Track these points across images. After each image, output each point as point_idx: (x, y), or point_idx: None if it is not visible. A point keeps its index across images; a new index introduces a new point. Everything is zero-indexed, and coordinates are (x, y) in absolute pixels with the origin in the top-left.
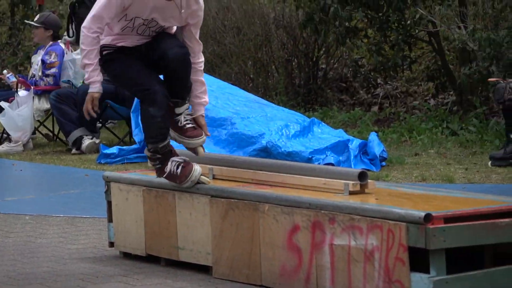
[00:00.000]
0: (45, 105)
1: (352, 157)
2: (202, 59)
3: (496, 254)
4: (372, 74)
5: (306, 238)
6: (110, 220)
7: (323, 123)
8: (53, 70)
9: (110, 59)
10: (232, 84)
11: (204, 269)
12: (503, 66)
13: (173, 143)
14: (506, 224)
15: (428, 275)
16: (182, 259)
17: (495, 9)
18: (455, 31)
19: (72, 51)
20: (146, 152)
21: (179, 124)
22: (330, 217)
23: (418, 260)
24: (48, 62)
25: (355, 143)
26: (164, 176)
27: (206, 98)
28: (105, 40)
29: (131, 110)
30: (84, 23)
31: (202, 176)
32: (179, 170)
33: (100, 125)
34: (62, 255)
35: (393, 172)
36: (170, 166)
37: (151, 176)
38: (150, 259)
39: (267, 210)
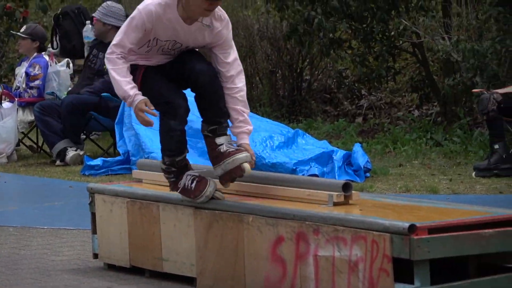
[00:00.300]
0: (29, 117)
1: (336, 168)
2: (239, 85)
3: (481, 265)
4: (356, 85)
5: (290, 249)
6: (94, 231)
7: (307, 134)
8: (37, 82)
9: (133, 69)
10: None
11: (189, 281)
12: (487, 77)
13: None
14: (490, 235)
15: (412, 286)
16: (166, 270)
17: (479, 20)
18: (439, 42)
19: (56, 63)
20: (161, 165)
21: (221, 151)
22: (314, 228)
23: (403, 271)
24: (32, 74)
25: (339, 154)
26: (178, 190)
27: (248, 127)
28: (129, 59)
29: (115, 122)
30: (108, 50)
31: (216, 192)
32: (193, 185)
33: (84, 136)
34: (46, 266)
35: (377, 183)
36: (184, 180)
37: (135, 187)
38: (135, 270)
39: (251, 221)
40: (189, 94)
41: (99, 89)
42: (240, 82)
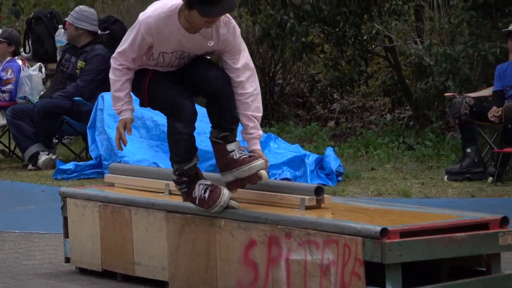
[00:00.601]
0: (1, 121)
1: (308, 172)
2: (249, 90)
3: (453, 268)
4: (328, 89)
5: (263, 253)
6: (66, 235)
7: (279, 138)
8: (9, 87)
9: (141, 70)
10: None
11: (161, 285)
12: (459, 81)
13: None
14: (462, 238)
15: None
16: (138, 274)
17: (451, 24)
18: (412, 46)
19: (28, 67)
20: (172, 176)
21: (234, 158)
22: (286, 232)
23: (374, 274)
24: (4, 78)
25: (311, 158)
26: (194, 202)
27: (259, 132)
28: (136, 65)
29: (88, 126)
30: (114, 54)
31: (231, 201)
32: (207, 194)
33: (56, 140)
34: (17, 271)
35: (349, 187)
36: (197, 190)
37: (107, 191)
38: (106, 274)
39: (223, 225)
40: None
41: (72, 93)
42: (251, 87)
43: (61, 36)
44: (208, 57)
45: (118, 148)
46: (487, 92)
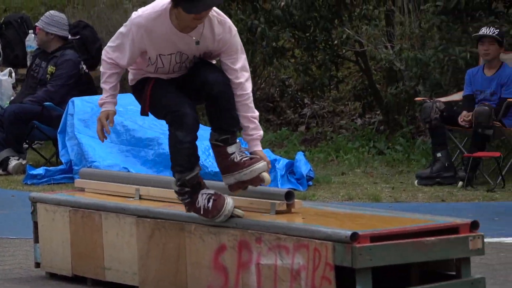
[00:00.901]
0: None
1: (279, 177)
2: (246, 91)
3: (423, 272)
4: (299, 94)
5: (233, 258)
6: (36, 240)
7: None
8: None
9: (144, 78)
10: None
11: None
12: (430, 86)
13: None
14: (433, 243)
15: None
16: (108, 279)
17: (422, 29)
18: (382, 50)
19: None
20: (173, 187)
21: (235, 160)
22: (256, 236)
23: (345, 279)
24: None
25: (282, 163)
26: (195, 211)
27: (260, 132)
28: (139, 74)
29: (58, 131)
30: (106, 47)
31: (235, 209)
32: (210, 204)
33: (26, 145)
34: None
35: (319, 192)
36: (201, 200)
37: (77, 196)
38: (77, 279)
39: (194, 229)
40: None
41: (42, 98)
42: (249, 87)
43: (31, 41)
44: (213, 62)
45: (100, 139)
46: (457, 96)
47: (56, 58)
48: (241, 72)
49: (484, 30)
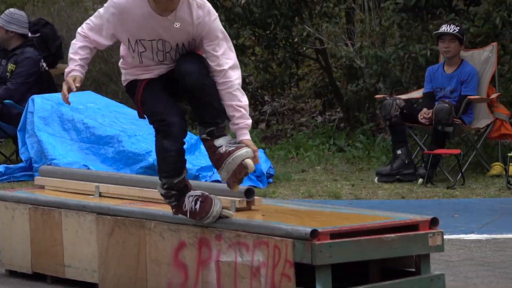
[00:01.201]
0: None
1: None
2: (230, 78)
3: (382, 269)
4: (259, 91)
5: (193, 255)
6: None
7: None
8: None
9: (134, 84)
10: (119, 102)
11: (91, 287)
12: (390, 83)
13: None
14: (392, 240)
15: None
16: (68, 277)
17: (382, 27)
18: (343, 48)
19: None
20: (159, 189)
21: (221, 151)
22: (216, 233)
23: (304, 275)
24: None
25: None
26: (183, 214)
27: (246, 121)
28: (130, 74)
29: (18, 129)
30: (83, 24)
31: (223, 210)
32: (198, 206)
33: None
34: None
35: (280, 189)
36: (188, 203)
37: (37, 194)
38: (37, 277)
39: (154, 227)
40: None
41: (2, 96)
42: (234, 76)
43: None
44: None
45: (65, 101)
46: (417, 94)
47: (16, 56)
48: (223, 59)
49: (444, 28)
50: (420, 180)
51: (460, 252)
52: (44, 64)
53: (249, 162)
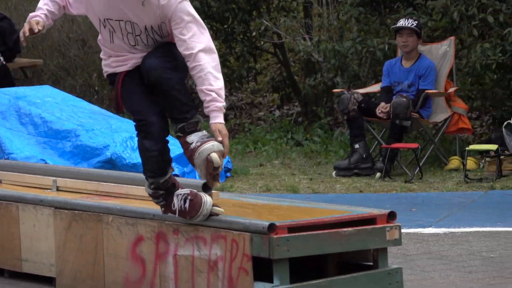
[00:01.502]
0: None
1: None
2: (199, 62)
3: (341, 263)
4: None
5: (150, 249)
6: None
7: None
8: None
9: (112, 81)
10: (77, 96)
11: (48, 281)
12: (348, 77)
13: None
14: (350, 233)
15: (271, 284)
16: (25, 271)
17: (340, 21)
18: (300, 42)
19: None
20: (147, 189)
21: (191, 147)
22: (174, 228)
23: (263, 269)
24: None
25: None
26: (172, 213)
27: (217, 104)
28: (108, 66)
29: None
30: None
31: (213, 207)
32: (187, 205)
33: None
34: None
35: (237, 183)
36: (176, 202)
37: None
38: None
39: (111, 221)
40: None
41: None
42: (206, 58)
43: None
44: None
45: (22, 40)
46: (375, 88)
47: None
48: (192, 42)
49: (402, 22)
50: (378, 174)
51: (417, 245)
52: (2, 58)
53: (214, 156)
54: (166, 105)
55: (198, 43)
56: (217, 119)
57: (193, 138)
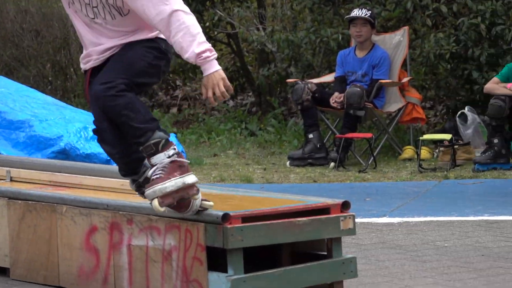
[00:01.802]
0: None
1: None
2: (161, 17)
3: (294, 253)
4: (171, 75)
5: (104, 239)
6: None
7: None
8: None
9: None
10: (31, 87)
11: (2, 271)
12: (302, 67)
13: None
14: (304, 223)
15: (225, 274)
16: None
17: (293, 11)
18: (254, 32)
19: None
20: (131, 186)
21: (148, 175)
22: (128, 218)
23: (216, 259)
24: None
25: None
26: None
27: (196, 48)
28: (81, 62)
29: None
30: None
31: (203, 202)
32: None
33: None
34: None
35: None
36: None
37: None
38: None
39: (65, 211)
40: None
41: None
42: (182, 16)
43: None
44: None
45: None
46: (329, 78)
47: None
48: (157, 19)
49: (356, 12)
50: (332, 164)
51: (371, 235)
52: None
53: (153, 205)
54: (122, 131)
55: (168, 4)
56: (212, 68)
57: (155, 161)
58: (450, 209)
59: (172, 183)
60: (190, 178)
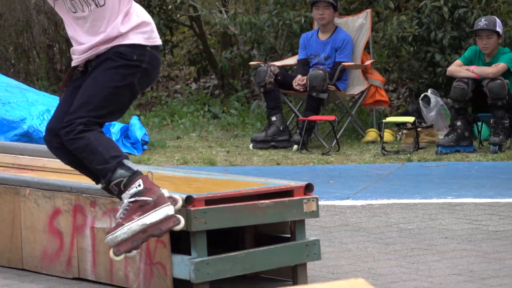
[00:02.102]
0: None
1: None
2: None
3: (258, 235)
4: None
5: (67, 222)
6: None
7: None
8: None
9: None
10: None
11: None
12: (264, 50)
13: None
14: (266, 206)
15: (189, 256)
16: None
17: None
18: (217, 15)
19: None
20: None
21: (116, 216)
22: (91, 200)
23: (180, 242)
24: None
25: (116, 127)
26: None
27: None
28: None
29: None
30: None
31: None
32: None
33: None
34: None
35: (154, 156)
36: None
37: None
38: None
39: (28, 194)
40: None
41: None
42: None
43: None
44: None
45: None
46: (292, 61)
47: None
48: (108, 8)
49: None
50: (295, 146)
51: (335, 218)
52: None
53: (110, 255)
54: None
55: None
56: None
57: (124, 196)
58: (413, 191)
59: (123, 230)
60: (156, 215)
